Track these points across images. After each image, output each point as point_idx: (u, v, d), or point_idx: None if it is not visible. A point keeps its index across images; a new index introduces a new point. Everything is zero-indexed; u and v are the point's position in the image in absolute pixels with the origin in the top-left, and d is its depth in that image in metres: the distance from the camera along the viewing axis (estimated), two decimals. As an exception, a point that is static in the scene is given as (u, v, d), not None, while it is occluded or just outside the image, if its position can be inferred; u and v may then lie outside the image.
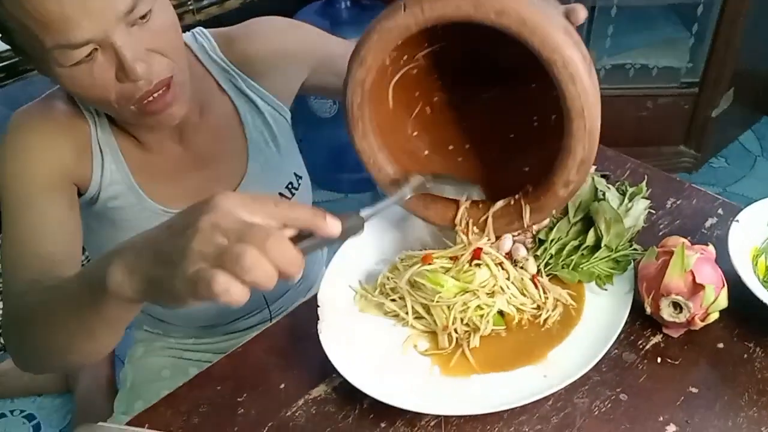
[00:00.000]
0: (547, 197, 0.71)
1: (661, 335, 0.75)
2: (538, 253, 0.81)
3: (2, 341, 1.62)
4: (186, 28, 1.02)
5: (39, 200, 0.78)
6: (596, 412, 0.69)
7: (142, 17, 0.70)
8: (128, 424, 0.71)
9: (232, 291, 0.46)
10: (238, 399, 0.73)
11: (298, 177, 0.99)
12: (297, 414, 0.71)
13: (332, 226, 0.52)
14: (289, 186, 0.97)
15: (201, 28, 0.93)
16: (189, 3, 1.79)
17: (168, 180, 0.89)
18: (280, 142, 0.96)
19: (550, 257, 0.81)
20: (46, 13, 0.65)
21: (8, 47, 0.73)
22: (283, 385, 0.74)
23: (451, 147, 0.80)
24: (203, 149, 0.90)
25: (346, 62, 0.70)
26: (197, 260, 0.47)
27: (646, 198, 0.84)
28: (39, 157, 0.80)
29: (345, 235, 0.54)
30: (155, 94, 0.74)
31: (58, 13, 0.65)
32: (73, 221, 0.81)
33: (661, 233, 0.88)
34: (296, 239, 0.52)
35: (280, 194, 0.95)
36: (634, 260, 0.79)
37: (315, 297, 0.78)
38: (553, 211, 0.73)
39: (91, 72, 0.70)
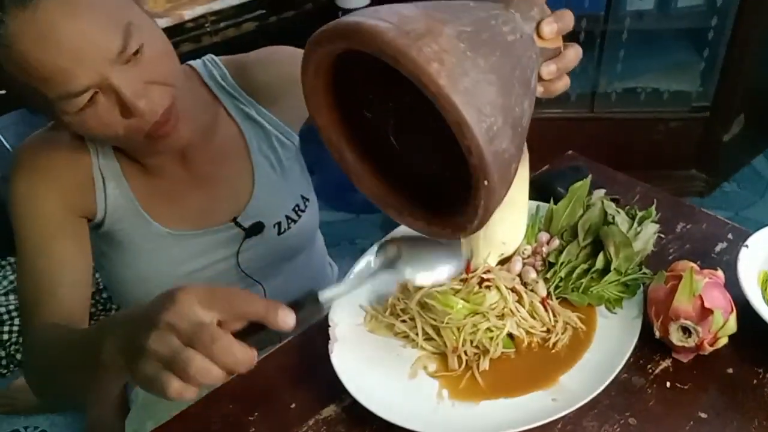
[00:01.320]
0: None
1: (671, 360, 0.76)
2: (548, 275, 0.82)
3: (15, 358, 1.64)
4: (203, 50, 1.04)
5: (51, 244, 0.83)
6: (605, 436, 0.69)
7: (135, 53, 0.71)
8: (140, 441, 0.72)
9: (184, 394, 0.52)
10: (250, 418, 0.73)
11: (305, 199, 1.00)
12: (307, 434, 0.71)
13: (284, 320, 0.54)
14: (296, 208, 0.98)
15: (212, 55, 0.95)
16: (206, 25, 1.82)
17: (172, 202, 0.91)
18: (286, 165, 0.97)
19: (560, 280, 0.82)
20: (42, 68, 0.67)
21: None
22: (293, 405, 0.74)
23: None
24: (207, 171, 0.92)
25: None
26: (152, 360, 0.52)
27: (656, 222, 0.85)
28: (44, 196, 0.83)
29: (302, 325, 0.56)
30: (160, 126, 0.76)
31: (53, 65, 0.67)
32: (84, 256, 0.85)
33: (670, 257, 0.89)
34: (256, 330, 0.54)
35: (287, 217, 0.97)
36: (643, 284, 0.79)
37: (326, 317, 0.79)
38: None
39: (96, 115, 0.72)
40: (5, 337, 1.66)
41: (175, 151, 0.86)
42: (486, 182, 0.54)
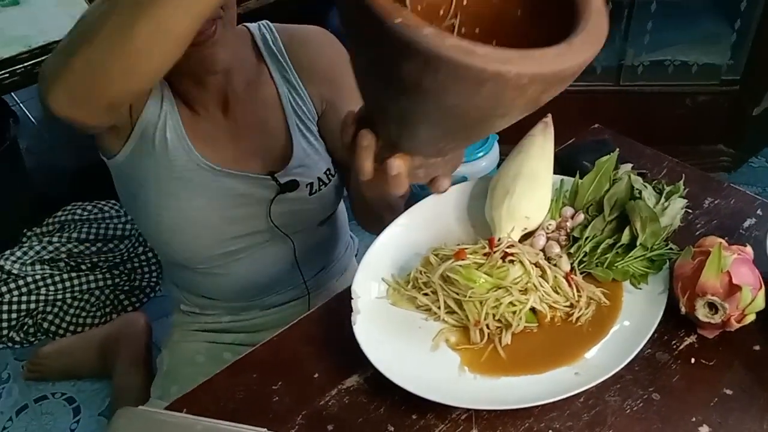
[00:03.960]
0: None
1: (696, 336, 0.75)
2: (572, 250, 0.82)
3: (42, 326, 1.68)
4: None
5: None
6: (628, 411, 0.69)
7: None
8: (166, 409, 0.74)
9: None
10: (273, 387, 0.74)
11: (332, 167, 1.03)
12: (330, 403, 0.72)
13: None
14: (327, 172, 1.01)
15: (267, 21, 0.99)
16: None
17: (215, 142, 0.94)
18: (315, 133, 1.00)
19: (584, 255, 0.81)
20: None
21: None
22: (316, 375, 0.75)
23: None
24: (246, 123, 0.96)
25: None
26: None
27: (683, 197, 0.84)
28: None
29: None
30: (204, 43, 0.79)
31: None
32: None
33: (697, 233, 0.87)
34: None
35: (319, 179, 1.00)
36: (669, 260, 0.78)
37: (349, 289, 0.79)
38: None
39: None
40: (32, 306, 1.70)
41: (215, 89, 0.91)
42: None
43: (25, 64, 1.42)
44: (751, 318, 0.72)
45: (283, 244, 1.03)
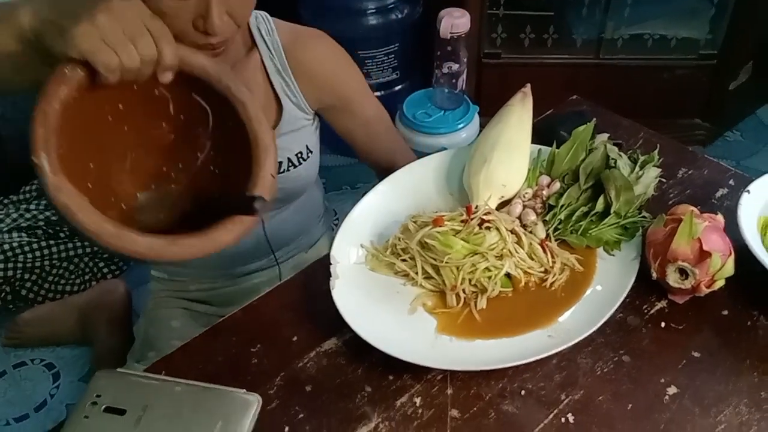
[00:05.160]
0: None
1: (666, 301, 0.77)
2: (548, 218, 0.83)
3: (20, 294, 1.67)
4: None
5: None
6: (599, 372, 0.71)
7: None
8: (145, 371, 0.74)
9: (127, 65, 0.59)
10: (252, 350, 0.75)
11: (309, 151, 1.01)
12: (309, 365, 0.73)
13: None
14: (299, 155, 0.99)
15: (266, 13, 0.96)
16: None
17: None
18: (301, 119, 0.98)
19: (560, 222, 0.82)
20: None
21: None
22: (295, 338, 0.76)
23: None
24: None
25: (374, 125, 0.98)
26: (95, 31, 0.58)
27: (658, 167, 0.85)
28: None
29: None
30: (211, 50, 0.77)
31: None
32: None
33: (671, 202, 0.89)
34: None
35: (288, 159, 0.98)
36: (642, 227, 0.80)
37: (326, 256, 0.80)
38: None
39: (183, 10, 0.72)
40: (10, 273, 1.68)
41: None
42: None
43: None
44: (720, 284, 0.74)
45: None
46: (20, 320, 1.59)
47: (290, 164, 0.98)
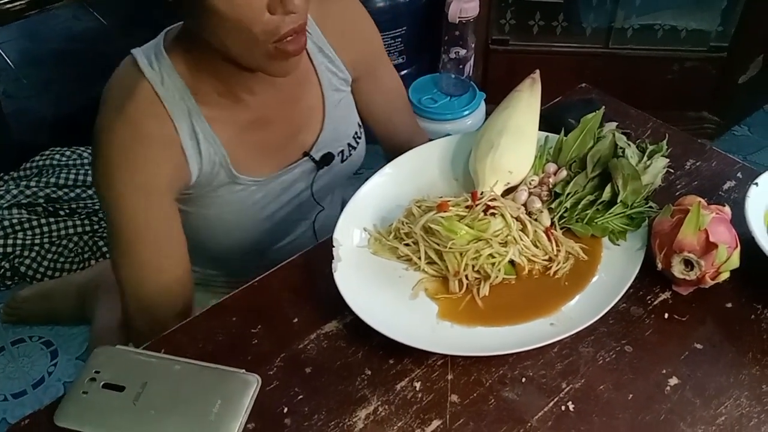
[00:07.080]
0: None
1: (670, 292, 0.76)
2: (553, 206, 0.82)
3: (18, 270, 1.67)
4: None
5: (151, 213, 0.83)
6: (600, 362, 0.70)
7: None
8: (145, 348, 0.74)
9: None
10: (253, 330, 0.75)
11: (360, 126, 1.02)
12: (309, 347, 0.73)
13: None
14: (355, 135, 1.00)
15: None
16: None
17: (256, 148, 0.90)
18: (346, 94, 0.99)
19: (565, 211, 0.82)
20: None
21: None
22: (296, 319, 0.76)
23: None
24: (291, 95, 0.92)
25: (394, 98, 0.99)
26: None
27: (666, 157, 0.84)
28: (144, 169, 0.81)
29: None
30: (294, 36, 0.75)
31: None
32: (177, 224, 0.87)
33: (678, 193, 0.88)
34: None
35: (349, 144, 0.99)
36: (648, 217, 0.79)
37: (331, 237, 0.79)
38: None
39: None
40: (9, 250, 1.68)
41: (286, 73, 0.82)
42: None
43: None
44: (725, 276, 0.73)
45: (314, 211, 1.03)
46: (18, 297, 1.59)
47: (350, 149, 1.00)
